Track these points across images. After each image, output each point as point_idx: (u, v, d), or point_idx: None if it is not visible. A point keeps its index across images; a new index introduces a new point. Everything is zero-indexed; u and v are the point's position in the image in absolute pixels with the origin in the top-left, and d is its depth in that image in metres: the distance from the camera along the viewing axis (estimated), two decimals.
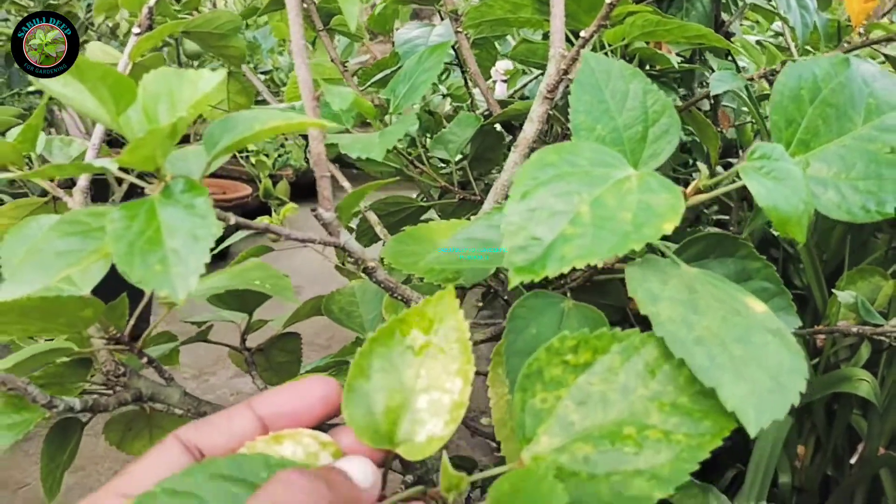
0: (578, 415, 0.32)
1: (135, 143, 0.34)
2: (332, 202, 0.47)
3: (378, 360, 0.32)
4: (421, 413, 0.32)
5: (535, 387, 0.33)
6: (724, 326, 0.31)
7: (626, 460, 0.30)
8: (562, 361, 0.33)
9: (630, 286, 0.33)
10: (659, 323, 0.31)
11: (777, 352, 0.30)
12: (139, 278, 0.32)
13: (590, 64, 0.43)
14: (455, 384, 0.32)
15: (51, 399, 0.43)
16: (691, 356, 0.29)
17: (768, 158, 0.37)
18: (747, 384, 0.28)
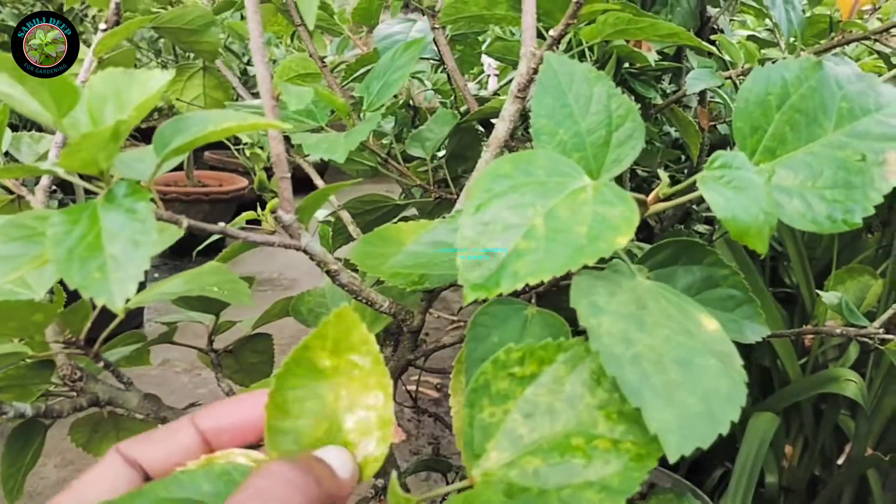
0: (526, 427, 0.32)
1: (73, 145, 0.33)
2: (293, 204, 0.46)
3: (293, 391, 0.31)
4: (350, 434, 0.31)
5: (482, 401, 0.32)
6: (666, 346, 0.30)
7: (575, 472, 0.30)
8: (508, 374, 0.33)
9: (573, 297, 0.32)
10: (596, 336, 0.30)
11: (716, 377, 0.29)
12: (78, 285, 0.31)
13: (552, 66, 0.42)
14: (378, 398, 0.32)
15: (0, 405, 0.43)
16: (622, 373, 0.28)
17: (729, 167, 0.36)
18: (675, 409, 0.27)
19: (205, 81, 0.74)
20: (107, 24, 0.54)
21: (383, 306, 0.51)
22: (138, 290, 0.33)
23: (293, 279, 2.50)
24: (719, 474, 1.17)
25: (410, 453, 1.60)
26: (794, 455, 1.09)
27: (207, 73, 0.74)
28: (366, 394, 0.32)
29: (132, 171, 0.40)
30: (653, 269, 0.46)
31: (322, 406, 0.31)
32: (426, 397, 1.77)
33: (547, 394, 0.32)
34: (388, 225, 0.54)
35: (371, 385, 0.32)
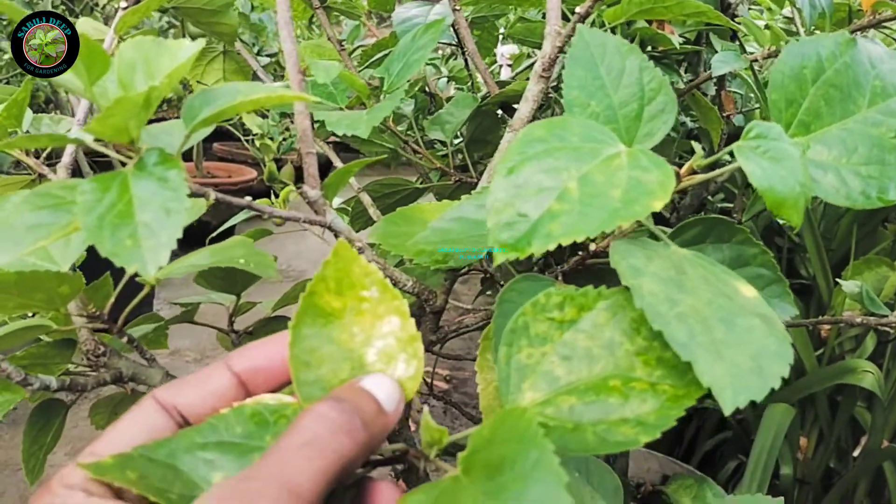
0: (564, 370, 0.32)
1: (105, 111, 0.33)
2: (319, 180, 0.46)
3: (308, 341, 0.31)
4: (376, 366, 0.31)
5: (520, 342, 0.32)
6: (709, 307, 0.30)
7: (611, 410, 0.30)
8: (547, 318, 0.33)
9: (613, 258, 0.32)
10: (640, 295, 0.29)
11: (762, 336, 0.29)
12: (109, 252, 0.31)
13: (584, 38, 0.41)
14: (392, 324, 0.32)
15: (25, 376, 0.42)
16: (670, 330, 0.28)
17: (765, 138, 0.36)
18: (725, 363, 0.27)
19: (225, 65, 0.74)
20: (127, 3, 0.54)
21: (406, 286, 0.51)
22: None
23: (302, 270, 2.50)
24: (733, 466, 1.16)
25: None
26: (809, 447, 1.08)
27: (227, 57, 0.74)
28: (379, 323, 0.32)
29: (160, 142, 0.40)
30: (682, 247, 0.45)
31: (339, 349, 0.31)
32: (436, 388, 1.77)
33: (586, 339, 0.32)
34: (411, 205, 0.53)
35: (382, 313, 0.32)
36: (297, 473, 0.25)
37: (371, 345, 0.32)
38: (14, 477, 1.36)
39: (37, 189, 0.37)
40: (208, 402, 0.31)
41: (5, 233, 0.35)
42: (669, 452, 1.13)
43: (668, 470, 1.10)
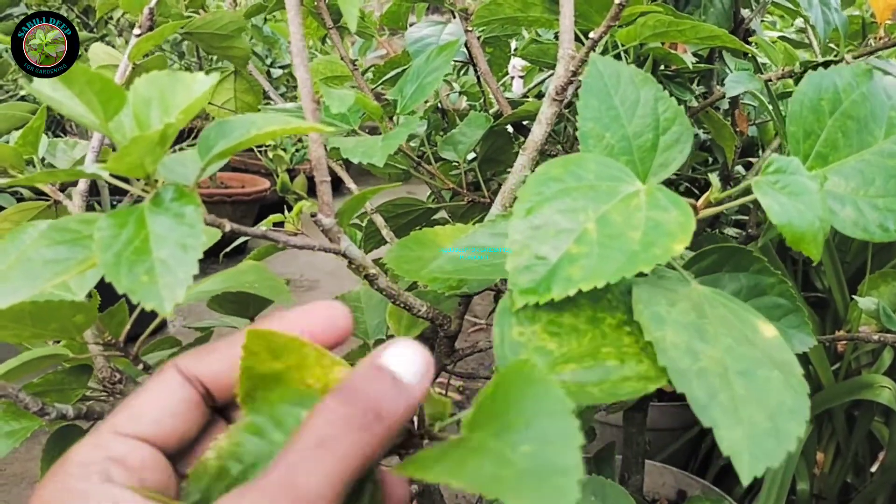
0: (554, 344, 0.33)
1: (121, 150, 0.33)
2: (333, 207, 0.46)
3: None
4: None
5: (510, 321, 0.33)
6: (729, 357, 0.29)
7: (611, 371, 0.31)
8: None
9: (636, 308, 0.31)
10: (662, 350, 0.29)
11: (780, 390, 0.28)
12: (126, 289, 0.31)
13: (598, 68, 0.41)
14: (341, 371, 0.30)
15: (42, 406, 0.43)
16: (691, 390, 0.28)
17: (783, 172, 0.35)
18: (744, 427, 0.27)
19: (236, 85, 0.74)
20: (140, 30, 0.54)
21: (421, 311, 0.51)
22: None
23: (315, 280, 2.50)
24: None
25: None
26: (825, 462, 1.08)
27: (238, 76, 0.74)
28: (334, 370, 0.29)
29: (175, 174, 0.40)
30: (698, 276, 0.45)
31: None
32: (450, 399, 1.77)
33: (570, 316, 0.33)
34: (424, 229, 0.53)
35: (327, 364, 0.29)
36: (310, 480, 0.23)
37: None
38: (30, 490, 1.37)
39: (54, 223, 0.37)
40: (234, 371, 0.28)
41: (24, 268, 0.35)
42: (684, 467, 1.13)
43: (684, 485, 1.09)
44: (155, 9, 0.56)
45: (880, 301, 0.78)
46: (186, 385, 0.29)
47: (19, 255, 0.36)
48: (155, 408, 0.28)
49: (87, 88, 0.33)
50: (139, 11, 0.56)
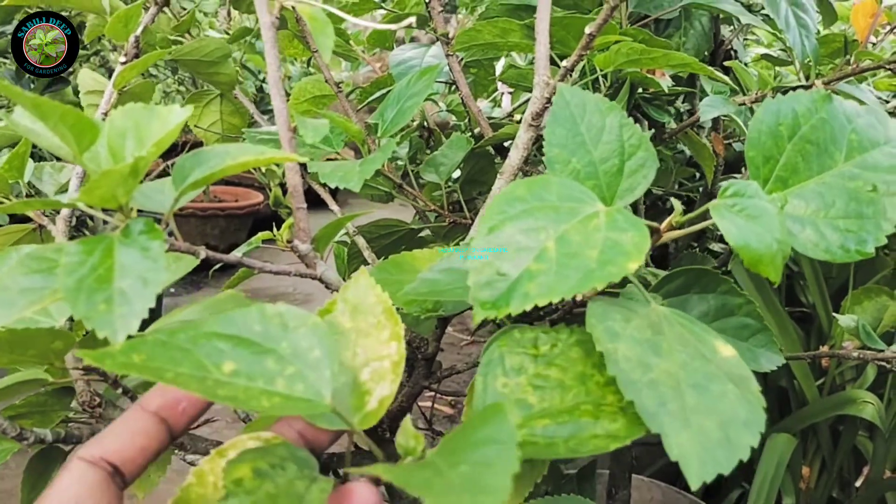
0: (537, 398, 0.33)
1: (92, 183, 0.34)
2: (309, 233, 0.46)
3: None
4: (367, 384, 0.33)
5: (496, 371, 0.34)
6: (683, 371, 0.30)
7: (583, 428, 0.32)
8: (522, 351, 0.35)
9: (589, 322, 0.32)
10: (613, 361, 0.30)
11: (734, 402, 0.29)
12: (82, 314, 0.32)
13: (564, 97, 0.42)
14: (391, 348, 0.34)
15: (21, 431, 0.43)
16: (640, 399, 0.29)
17: (741, 196, 0.36)
18: (693, 434, 0.28)
19: (222, 108, 0.75)
20: (126, 58, 0.55)
21: None
22: (153, 314, 0.34)
23: (308, 293, 2.51)
24: (736, 496, 1.16)
25: None
26: (811, 477, 1.08)
27: (224, 99, 0.75)
28: (381, 347, 0.34)
29: (152, 202, 0.41)
30: (667, 297, 0.46)
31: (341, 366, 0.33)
32: (441, 413, 1.77)
33: (559, 371, 0.34)
34: (403, 252, 0.54)
35: (385, 338, 0.34)
36: None
37: (369, 365, 0.34)
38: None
39: (31, 252, 0.38)
40: (135, 443, 0.31)
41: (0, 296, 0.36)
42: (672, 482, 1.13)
43: (671, 500, 1.09)
44: (140, 37, 0.57)
45: (860, 319, 0.78)
46: (93, 468, 0.30)
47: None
48: (64, 497, 0.29)
49: (61, 123, 0.34)
50: (125, 39, 0.57)
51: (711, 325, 0.45)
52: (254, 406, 0.27)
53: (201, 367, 0.29)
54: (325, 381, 0.29)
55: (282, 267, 0.46)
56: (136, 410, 0.32)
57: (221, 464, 0.32)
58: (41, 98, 0.33)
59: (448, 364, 0.62)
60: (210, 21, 1.42)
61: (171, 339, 0.30)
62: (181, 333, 0.30)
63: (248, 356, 0.29)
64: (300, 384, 0.29)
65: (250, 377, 0.29)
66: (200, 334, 0.30)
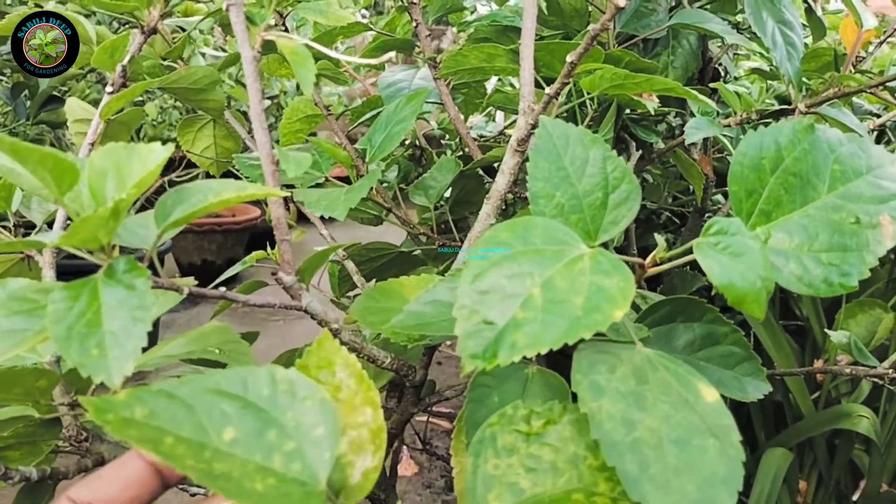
0: (528, 482, 0.33)
1: (73, 227, 0.34)
2: (293, 266, 0.46)
3: None
4: (347, 456, 0.32)
5: (487, 452, 0.33)
6: (666, 425, 0.30)
7: None
8: (514, 430, 0.34)
9: (574, 378, 0.32)
10: (597, 423, 0.30)
11: (714, 459, 0.29)
12: (76, 363, 0.32)
13: (547, 129, 0.42)
14: (366, 415, 0.33)
15: (6, 470, 0.43)
16: (623, 464, 0.29)
17: (725, 234, 0.36)
18: (673, 498, 0.28)
19: (215, 132, 0.75)
20: (113, 87, 0.55)
21: (385, 363, 0.51)
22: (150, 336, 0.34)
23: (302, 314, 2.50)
24: None
25: (423, 486, 1.59)
26: (808, 491, 1.08)
27: (217, 123, 0.75)
28: (355, 414, 0.33)
29: (135, 237, 0.41)
30: (653, 327, 0.46)
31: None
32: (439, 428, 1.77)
33: (551, 452, 0.33)
34: (390, 280, 0.54)
35: (358, 404, 0.33)
36: None
37: (346, 433, 0.33)
38: None
39: (13, 292, 0.38)
40: (126, 493, 0.30)
41: None
42: None
43: None
44: (128, 66, 0.57)
45: (852, 335, 0.78)
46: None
47: None
48: None
49: (40, 166, 0.34)
50: (111, 69, 0.57)
51: (698, 354, 0.45)
52: (246, 490, 0.26)
53: (202, 430, 0.28)
54: (325, 462, 0.28)
55: (266, 299, 0.46)
56: (131, 458, 0.31)
57: None
58: (20, 143, 0.33)
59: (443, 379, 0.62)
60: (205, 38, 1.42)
61: (176, 390, 0.29)
62: (187, 386, 0.29)
63: (252, 423, 0.28)
64: (298, 463, 0.28)
65: (249, 449, 0.28)
66: (205, 389, 0.29)
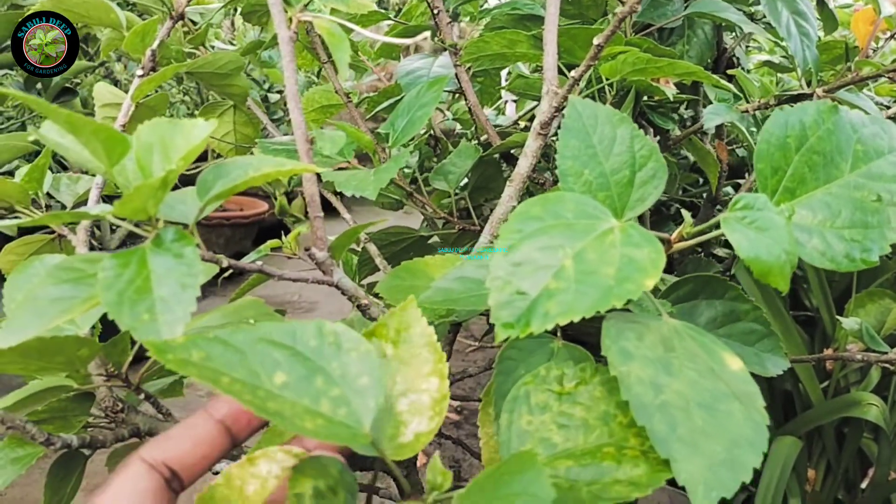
0: (561, 437, 0.34)
1: (126, 196, 0.35)
2: (326, 241, 0.48)
3: None
4: (403, 415, 0.33)
5: (521, 409, 0.35)
6: (692, 390, 0.31)
7: (605, 472, 0.32)
8: (547, 389, 0.36)
9: (604, 343, 0.33)
10: (627, 386, 0.31)
11: (740, 422, 0.30)
12: (129, 326, 0.33)
13: (577, 109, 0.43)
14: (431, 383, 0.34)
15: (48, 436, 0.44)
16: (652, 424, 0.30)
17: (751, 209, 0.37)
18: (701, 458, 0.29)
19: (235, 118, 0.76)
20: (143, 71, 0.57)
21: None
22: None
23: (314, 301, 2.51)
24: (742, 498, 1.16)
25: None
26: (816, 479, 1.09)
27: (237, 109, 0.76)
28: (421, 381, 0.34)
29: (176, 212, 0.42)
30: (676, 304, 0.47)
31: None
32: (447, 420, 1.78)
33: (582, 410, 0.35)
34: (415, 259, 0.55)
35: (426, 373, 0.34)
36: None
37: (407, 396, 0.34)
38: None
39: (60, 262, 0.39)
40: (197, 451, 0.31)
41: (32, 306, 0.37)
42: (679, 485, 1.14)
43: (678, 503, 1.10)
44: (157, 50, 0.58)
45: (863, 322, 0.79)
46: (152, 472, 0.30)
47: (27, 293, 0.38)
48: (122, 501, 0.29)
49: (93, 137, 0.35)
50: (142, 53, 0.58)
51: (719, 331, 0.47)
52: (298, 426, 0.27)
53: (254, 374, 0.30)
54: (369, 410, 0.29)
55: (300, 274, 0.47)
56: (202, 417, 0.32)
57: (250, 470, 0.33)
58: (74, 114, 0.34)
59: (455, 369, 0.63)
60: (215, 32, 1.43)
61: (230, 338, 0.31)
62: (240, 334, 0.31)
63: (300, 370, 0.30)
64: (343, 408, 0.29)
65: (298, 393, 0.29)
66: (257, 338, 0.31)
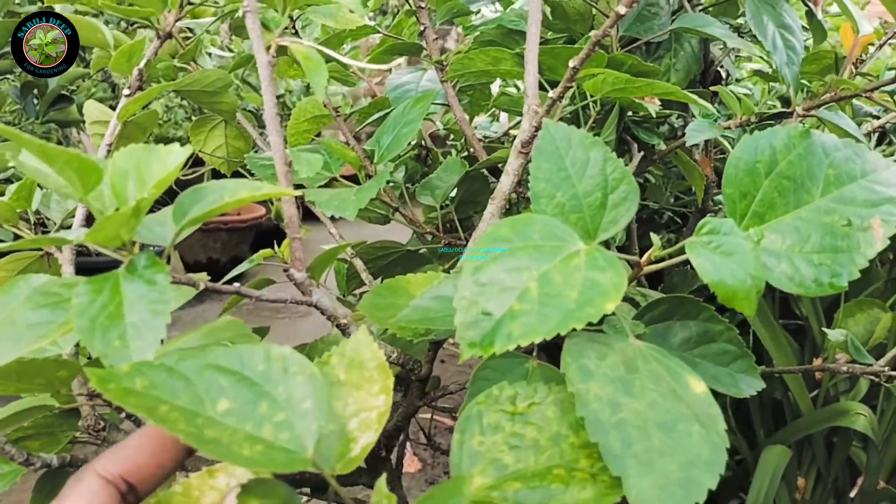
0: (512, 458, 0.34)
1: (97, 225, 0.35)
2: (304, 263, 0.48)
3: None
4: (354, 432, 0.34)
5: (473, 429, 0.35)
6: (652, 410, 0.32)
7: (553, 495, 0.33)
8: (500, 409, 0.36)
9: (564, 360, 0.34)
10: (583, 402, 0.32)
11: (698, 443, 0.31)
12: (99, 353, 0.34)
13: (549, 131, 0.44)
14: (379, 400, 0.35)
15: (28, 457, 0.45)
16: (606, 440, 0.30)
17: (717, 233, 0.38)
18: (655, 476, 0.29)
19: (226, 132, 0.77)
20: (130, 90, 0.57)
21: (391, 357, 0.53)
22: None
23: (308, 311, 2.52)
24: None
25: (426, 482, 1.61)
26: (806, 488, 1.09)
27: (228, 123, 0.77)
28: (371, 399, 0.35)
29: (154, 234, 0.43)
30: (650, 325, 0.47)
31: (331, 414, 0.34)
32: (442, 425, 1.78)
33: (534, 431, 0.35)
34: (397, 277, 0.56)
35: (375, 392, 0.35)
36: None
37: (358, 415, 0.35)
38: None
39: (40, 286, 0.39)
40: (155, 461, 0.31)
41: (7, 331, 0.37)
42: None
43: None
44: (144, 70, 0.59)
45: (849, 333, 0.80)
46: (106, 485, 0.30)
47: (5, 318, 0.38)
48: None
49: (67, 167, 0.36)
50: (128, 72, 0.59)
51: (693, 352, 0.47)
52: (233, 453, 0.27)
53: (198, 401, 0.30)
54: (311, 433, 0.30)
55: (278, 295, 0.47)
56: (156, 428, 0.31)
57: (209, 482, 0.33)
58: (47, 144, 0.35)
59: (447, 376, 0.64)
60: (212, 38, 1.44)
61: (177, 365, 0.31)
62: (188, 361, 0.31)
63: (246, 395, 0.30)
64: (286, 433, 0.29)
65: (241, 419, 0.29)
66: (205, 365, 0.31)
